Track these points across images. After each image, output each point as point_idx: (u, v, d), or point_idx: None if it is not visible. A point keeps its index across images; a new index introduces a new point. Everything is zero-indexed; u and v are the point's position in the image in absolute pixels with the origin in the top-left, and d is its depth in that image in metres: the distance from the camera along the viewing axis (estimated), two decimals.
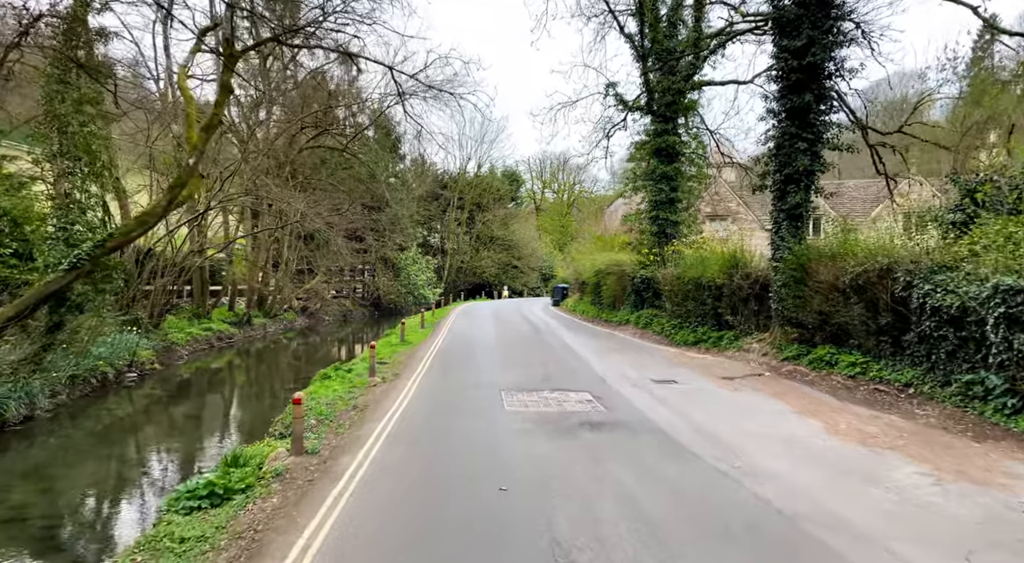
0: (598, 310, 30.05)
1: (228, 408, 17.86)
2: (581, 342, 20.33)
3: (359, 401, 11.59)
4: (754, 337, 16.40)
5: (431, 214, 66.39)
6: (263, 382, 23.14)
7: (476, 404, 10.89)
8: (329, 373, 14.77)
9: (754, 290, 16.53)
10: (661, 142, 22.96)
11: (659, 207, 23.06)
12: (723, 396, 11.56)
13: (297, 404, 7.94)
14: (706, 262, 18.79)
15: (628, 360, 16.26)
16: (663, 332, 21.20)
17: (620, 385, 12.71)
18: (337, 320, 49.04)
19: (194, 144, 18.38)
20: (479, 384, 12.83)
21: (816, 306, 13.73)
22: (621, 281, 26.96)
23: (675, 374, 14.07)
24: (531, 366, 15.22)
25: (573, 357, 16.85)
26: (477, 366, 15.38)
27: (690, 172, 24.16)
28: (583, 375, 13.99)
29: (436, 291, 57.47)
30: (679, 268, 20.36)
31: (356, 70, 43.38)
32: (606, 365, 15.41)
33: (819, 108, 14.75)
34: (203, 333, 30.91)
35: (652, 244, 23.32)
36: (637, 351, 18.23)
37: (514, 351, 18.09)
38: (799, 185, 14.92)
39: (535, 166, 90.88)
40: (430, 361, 16.08)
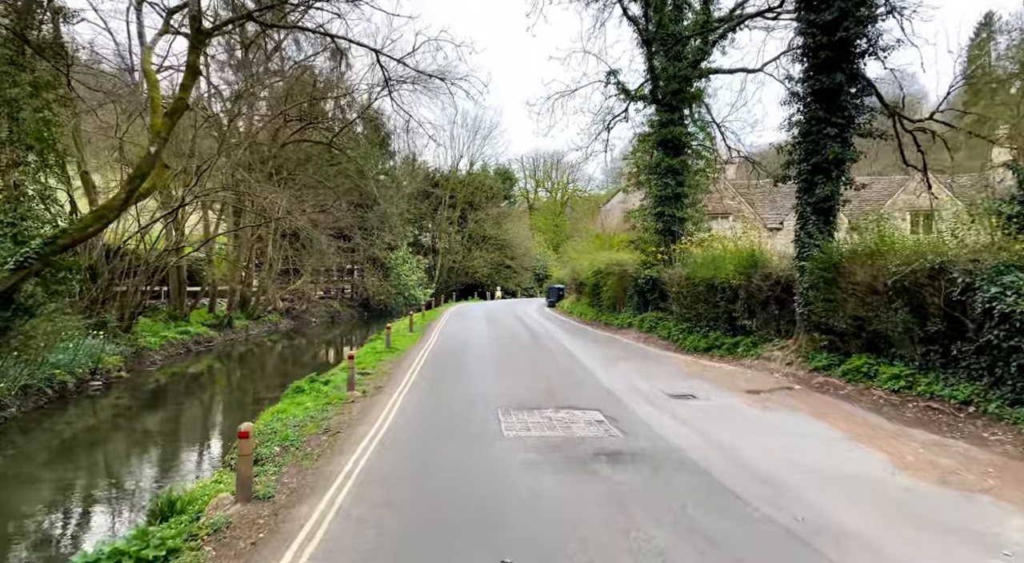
0: (597, 312, 28.50)
1: (195, 422, 16.16)
2: (583, 348, 18.76)
3: (333, 422, 9.95)
4: (775, 344, 14.87)
5: (422, 212, 64.67)
6: (239, 390, 21.44)
7: (469, 428, 9.27)
8: (303, 386, 13.11)
9: (775, 292, 15.00)
10: (667, 133, 21.42)
11: (664, 203, 21.52)
12: (754, 416, 10.01)
13: (244, 438, 6.30)
14: (719, 262, 17.26)
15: (636, 369, 14.70)
16: (670, 337, 19.66)
17: (633, 401, 11.13)
18: (324, 322, 47.32)
19: (157, 131, 16.70)
20: (472, 401, 11.22)
21: (850, 310, 12.22)
22: (622, 282, 25.41)
23: (692, 387, 12.51)
24: (530, 377, 13.62)
25: (576, 366, 15.27)
26: (470, 377, 13.76)
27: (697, 166, 22.63)
28: (589, 388, 12.40)
29: (427, 291, 55.78)
30: (688, 268, 18.83)
31: (342, 61, 41.64)
32: (613, 375, 13.84)
33: (850, 90, 13.24)
34: (179, 336, 29.19)
35: (657, 242, 21.77)
36: (644, 359, 16.67)
37: (510, 359, 16.48)
38: (828, 175, 13.40)
39: (528, 164, 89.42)
40: (417, 371, 14.44)
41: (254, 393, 20.27)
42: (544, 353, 17.70)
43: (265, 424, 10.01)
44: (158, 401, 18.18)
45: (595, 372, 14.30)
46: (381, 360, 16.13)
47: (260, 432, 9.59)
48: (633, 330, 22.67)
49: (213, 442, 13.71)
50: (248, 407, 17.76)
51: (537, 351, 18.14)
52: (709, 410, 10.40)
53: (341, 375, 13.95)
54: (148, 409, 16.94)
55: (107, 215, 16.28)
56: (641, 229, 23.44)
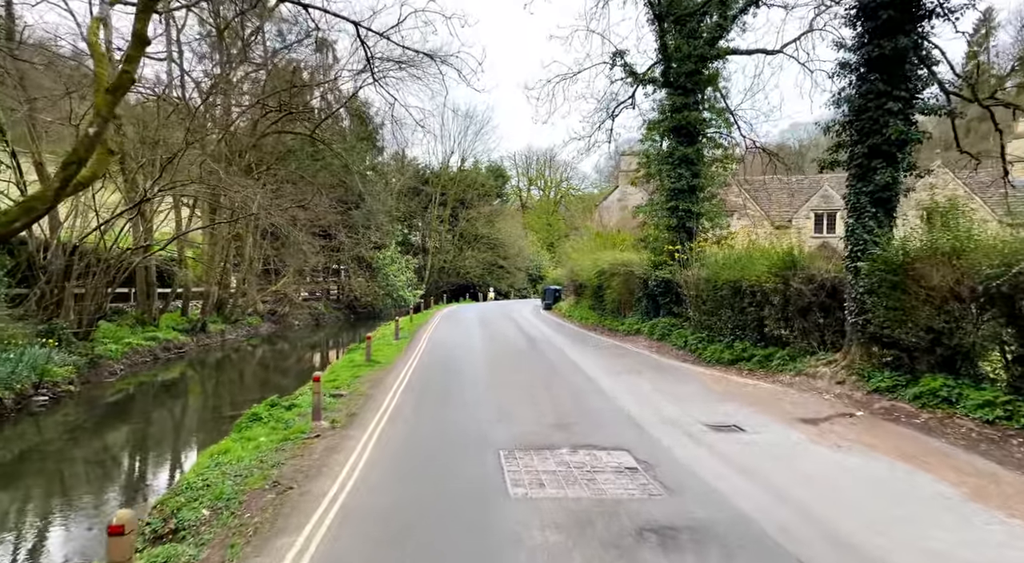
0: (600, 316, 26.33)
1: (142, 445, 13.79)
2: (590, 360, 16.56)
3: (286, 470, 7.69)
4: (820, 358, 12.72)
5: (412, 210, 62.29)
6: (202, 406, 19.10)
7: (462, 484, 7.03)
8: (260, 413, 10.82)
9: (818, 297, 12.87)
10: (680, 119, 19.25)
11: (678, 196, 19.35)
12: (826, 459, 7.83)
13: (115, 535, 4.03)
14: (748, 262, 15.13)
15: (657, 387, 12.51)
16: (687, 346, 17.52)
17: (666, 435, 8.95)
18: (308, 325, 44.92)
19: (98, 110, 14.34)
20: (466, 435, 8.98)
21: (923, 320, 10.09)
22: (628, 284, 23.26)
23: (731, 413, 10.34)
24: (534, 399, 11.39)
25: (586, 383, 13.06)
26: (462, 399, 11.52)
27: (713, 155, 20.47)
28: (608, 416, 10.19)
29: (417, 293, 53.41)
30: (709, 269, 16.69)
31: (329, 53, 39.40)
32: (632, 396, 11.64)
33: (916, 57, 11.12)
34: (146, 343, 26.77)
35: (669, 240, 19.62)
36: (662, 373, 14.49)
37: (510, 374, 14.24)
38: (890, 159, 11.27)
39: (521, 162, 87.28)
40: (401, 391, 12.17)
41: (217, 410, 17.94)
42: (547, 366, 15.48)
43: (198, 474, 7.73)
44: (106, 419, 15.81)
45: (610, 391, 12.09)
46: (359, 377, 13.84)
47: (189, 485, 7.32)
48: (642, 337, 20.51)
49: (165, 468, 11.41)
50: (208, 426, 15.45)
51: (539, 364, 15.92)
52: (766, 449, 8.21)
53: (309, 396, 11.66)
54: (91, 430, 14.59)
55: (37, 207, 13.89)
56: (651, 226, 21.27)
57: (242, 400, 18.72)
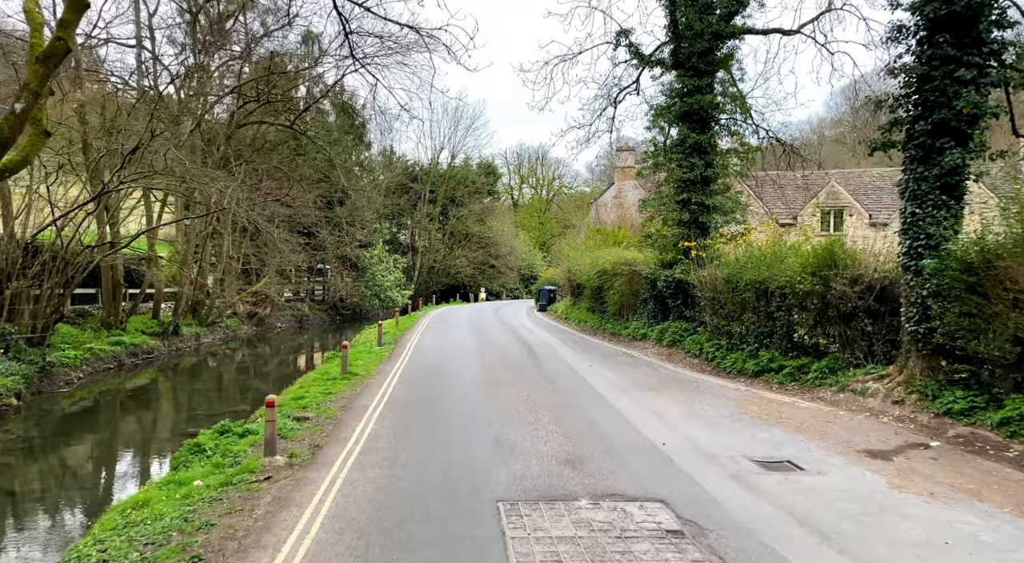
0: (600, 320, 24.49)
1: (72, 479, 11.77)
2: (597, 371, 14.70)
3: (215, 535, 5.75)
4: (868, 372, 10.93)
5: (400, 208, 60.20)
6: (163, 419, 17.14)
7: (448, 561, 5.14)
8: (205, 442, 8.88)
9: (865, 301, 11.08)
10: (693, 103, 17.44)
11: (690, 188, 17.53)
12: (928, 517, 5.99)
13: None
14: (775, 260, 13.34)
15: (681, 407, 10.67)
16: (702, 354, 15.71)
17: (707, 475, 7.10)
18: (291, 327, 42.89)
19: (28, 82, 12.35)
20: (455, 483, 7.05)
21: (1010, 330, 8.31)
22: (632, 284, 21.44)
23: (778, 442, 8.52)
24: (539, 425, 9.50)
25: (598, 403, 11.19)
26: (451, 427, 9.61)
27: (728, 144, 18.66)
28: (630, 447, 8.33)
29: (405, 293, 51.41)
30: (730, 268, 14.88)
31: (314, 45, 37.23)
32: (655, 418, 9.80)
33: (991, 15, 9.35)
34: (110, 348, 24.72)
35: (680, 236, 17.81)
36: (682, 387, 12.66)
37: (507, 391, 12.34)
38: (960, 138, 9.49)
39: (512, 159, 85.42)
40: (376, 416, 10.23)
41: (177, 427, 15.95)
42: (549, 380, 13.61)
43: (97, 541, 5.78)
44: (41, 440, 13.76)
45: (627, 413, 10.22)
46: (331, 394, 11.88)
47: (80, 560, 5.38)
48: (650, 344, 18.68)
49: (56, 531, 9.41)
50: (162, 448, 13.49)
51: (539, 377, 14.04)
52: (840, 499, 6.37)
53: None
54: (18, 453, 12.57)
55: None
56: (658, 221, 19.44)
57: (207, 414, 16.77)
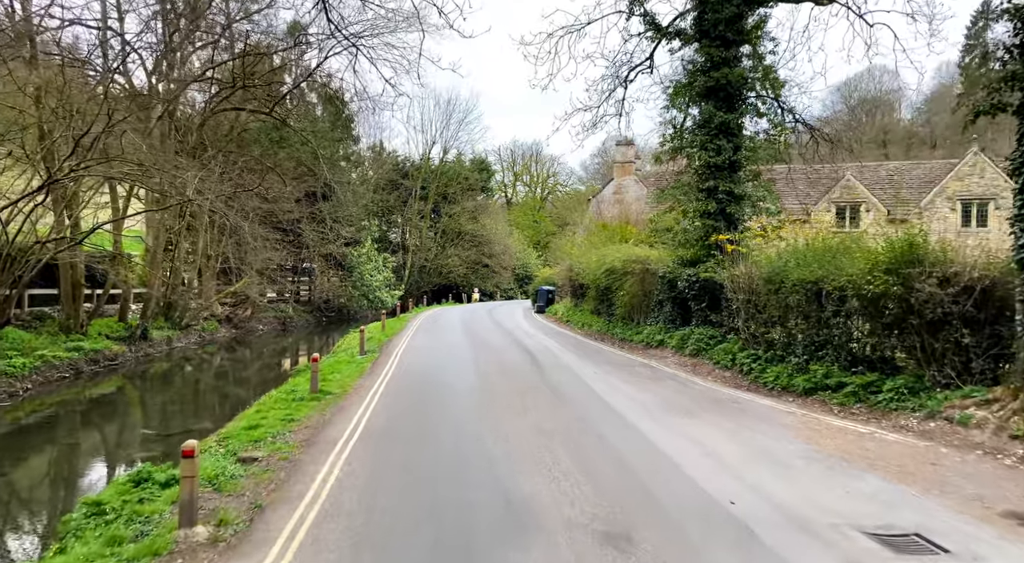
0: (607, 323, 22.25)
1: None
2: (617, 388, 12.42)
3: None
4: (968, 394, 8.70)
5: (390, 205, 57.78)
6: (114, 439, 14.75)
7: None
8: (109, 502, 6.53)
9: (961, 305, 8.87)
10: (720, 77, 15.23)
11: (716, 174, 15.30)
12: None
13: None
14: (833, 257, 11.14)
15: (734, 440, 8.42)
16: (735, 366, 13.49)
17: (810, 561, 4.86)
18: (273, 330, 40.39)
19: None
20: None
21: None
22: (645, 284, 19.21)
23: (881, 498, 6.29)
24: (558, 472, 7.19)
25: (626, 432, 8.91)
26: (443, 479, 7.30)
27: (757, 126, 16.44)
28: (688, 510, 6.06)
29: (395, 293, 49.00)
30: (770, 266, 12.67)
31: (302, 38, 34.70)
32: (706, 458, 7.54)
33: None
34: (67, 355, 22.26)
35: (705, 230, 15.60)
36: (722, 409, 10.41)
37: (512, 417, 10.04)
38: None
39: (506, 156, 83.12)
40: (344, 461, 7.84)
41: (127, 449, 13.58)
42: (560, 400, 11.32)
43: None
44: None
45: (669, 450, 7.94)
46: (293, 421, 9.52)
47: None
48: (669, 352, 16.44)
49: None
50: (94, 483, 11.12)
51: (549, 396, 11.74)
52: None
53: (211, 460, 7.38)
54: None
55: None
56: (677, 214, 17.18)
57: (162, 435, 14.43)
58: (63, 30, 26.19)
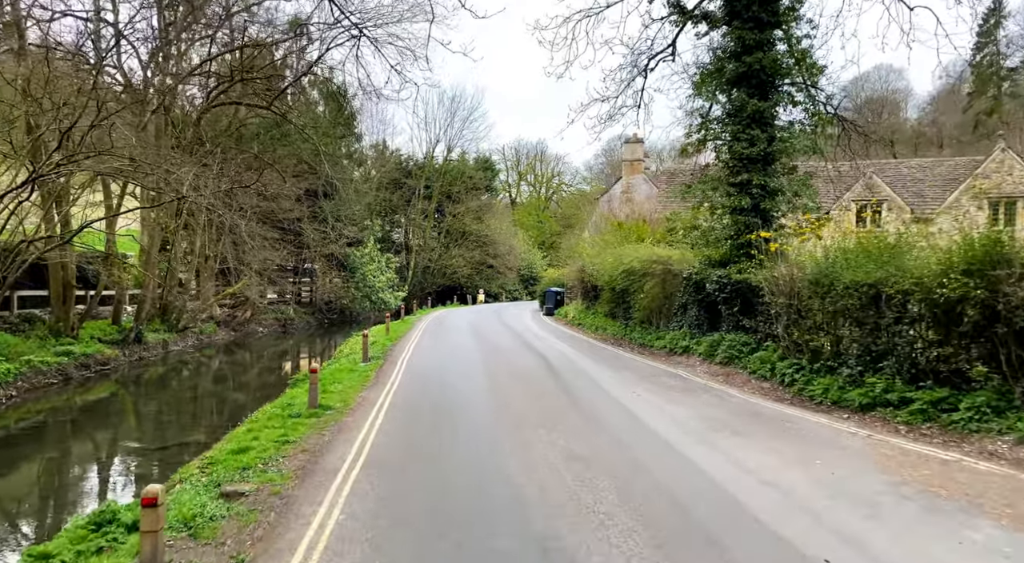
0: (623, 327, 21.05)
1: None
2: (645, 398, 11.22)
3: None
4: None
5: (393, 205, 56.65)
6: (94, 453, 13.64)
7: None
8: (59, 555, 5.37)
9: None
10: (753, 62, 14.03)
11: (750, 167, 14.10)
12: None
13: None
14: (894, 255, 9.95)
15: (800, 470, 7.21)
16: (774, 376, 12.28)
17: None
18: (274, 332, 39.35)
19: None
20: None
21: None
22: (666, 286, 18.02)
23: (1006, 551, 5.10)
24: (602, 514, 5.98)
25: (673, 460, 7.72)
26: (465, 524, 6.13)
27: (792, 117, 15.20)
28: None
29: (399, 295, 47.86)
30: (816, 266, 11.46)
31: (304, 35, 33.56)
32: (775, 495, 6.35)
33: None
34: (55, 359, 21.24)
35: (737, 228, 14.41)
36: (770, 428, 9.21)
37: (536, 438, 8.84)
38: None
39: (510, 155, 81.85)
40: (346, 498, 6.59)
41: (103, 468, 12.44)
42: (587, 416, 10.13)
43: None
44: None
45: (727, 483, 6.73)
46: (288, 443, 8.31)
47: None
48: (696, 360, 15.22)
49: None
50: (65, 509, 9.97)
51: (573, 412, 10.55)
52: None
53: (190, 495, 6.23)
54: None
55: None
56: (706, 210, 15.97)
57: (151, 449, 13.34)
58: (54, 22, 25.17)
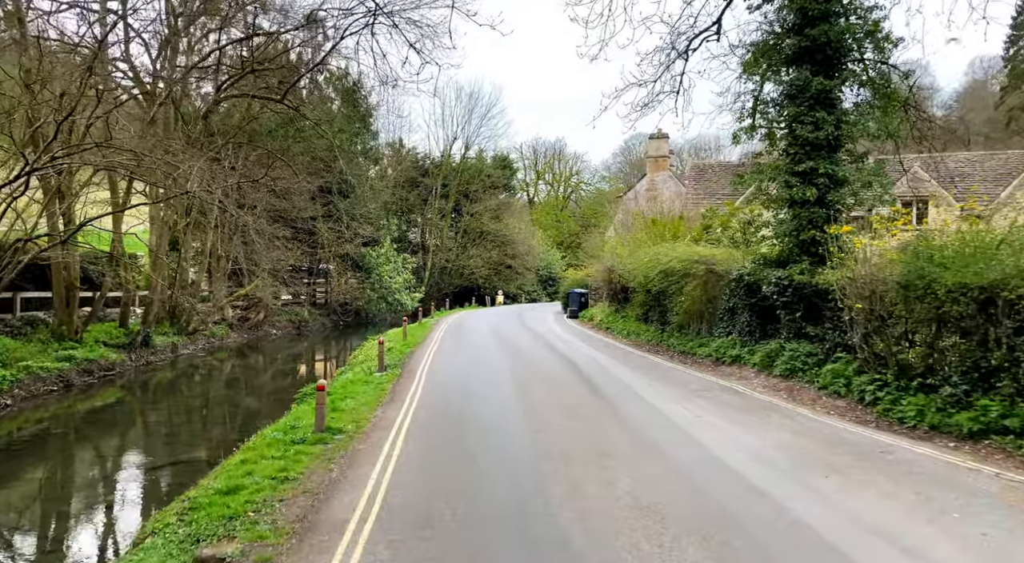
0: (659, 333, 19.42)
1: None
2: (707, 420, 9.61)
3: None
4: None
5: (410, 204, 55.36)
6: (87, 471, 12.34)
7: None
8: None
9: None
10: (817, 35, 12.35)
11: (814, 153, 12.40)
12: None
13: None
14: (1014, 252, 8.27)
15: (933, 527, 5.59)
16: (851, 393, 10.60)
17: None
18: (288, 334, 38.21)
19: None
20: None
21: None
22: (708, 289, 16.38)
23: None
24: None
25: (762, 506, 6.11)
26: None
27: (860, 96, 13.47)
28: None
29: (415, 296, 46.51)
30: (908, 266, 9.77)
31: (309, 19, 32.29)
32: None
33: None
34: (56, 365, 20.14)
35: (798, 224, 12.74)
36: (872, 463, 7.55)
37: (587, 476, 7.29)
38: None
39: (528, 154, 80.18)
40: (361, 552, 5.22)
41: (98, 493, 11.07)
42: (642, 443, 8.54)
43: None
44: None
45: (858, 557, 5.17)
46: (288, 480, 6.80)
47: None
48: (750, 371, 13.56)
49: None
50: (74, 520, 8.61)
51: (624, 436, 8.96)
52: None
53: (156, 559, 4.77)
54: None
55: None
56: (760, 203, 14.27)
57: (153, 465, 12.06)
58: (59, 12, 24.08)
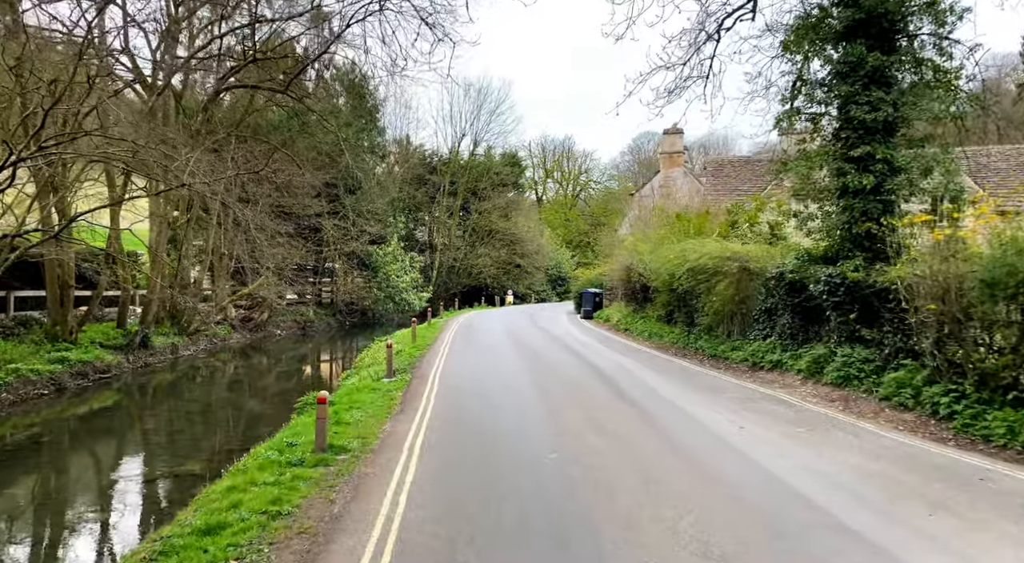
0: (685, 335, 18.18)
1: None
2: (764, 437, 8.38)
3: None
4: None
5: (417, 202, 54.24)
6: (75, 483, 11.22)
7: None
8: None
9: None
10: (874, 5, 11.09)
11: (869, 138, 11.14)
12: None
13: None
14: None
15: None
16: (920, 406, 9.35)
17: None
18: (293, 334, 37.19)
19: None
20: None
21: None
22: (740, 288, 15.14)
23: None
24: None
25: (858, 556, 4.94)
26: None
27: (922, 75, 12.16)
28: None
29: (423, 295, 45.40)
30: (995, 261, 8.52)
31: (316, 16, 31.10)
32: None
33: None
34: (48, 367, 19.12)
35: (851, 216, 11.48)
36: (980, 497, 6.30)
37: (639, 520, 6.08)
38: None
39: (536, 152, 78.93)
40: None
41: (82, 511, 9.93)
42: (701, 477, 7.32)
43: None
44: None
45: None
46: (280, 514, 5.59)
47: None
48: (793, 377, 12.30)
49: None
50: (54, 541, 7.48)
51: (674, 466, 7.74)
52: None
53: None
54: None
55: None
56: (809, 191, 12.95)
57: (145, 478, 10.99)
58: (54, 2, 23.12)
